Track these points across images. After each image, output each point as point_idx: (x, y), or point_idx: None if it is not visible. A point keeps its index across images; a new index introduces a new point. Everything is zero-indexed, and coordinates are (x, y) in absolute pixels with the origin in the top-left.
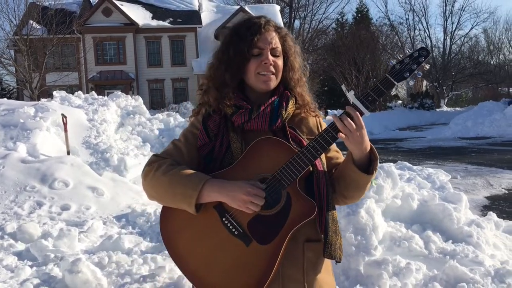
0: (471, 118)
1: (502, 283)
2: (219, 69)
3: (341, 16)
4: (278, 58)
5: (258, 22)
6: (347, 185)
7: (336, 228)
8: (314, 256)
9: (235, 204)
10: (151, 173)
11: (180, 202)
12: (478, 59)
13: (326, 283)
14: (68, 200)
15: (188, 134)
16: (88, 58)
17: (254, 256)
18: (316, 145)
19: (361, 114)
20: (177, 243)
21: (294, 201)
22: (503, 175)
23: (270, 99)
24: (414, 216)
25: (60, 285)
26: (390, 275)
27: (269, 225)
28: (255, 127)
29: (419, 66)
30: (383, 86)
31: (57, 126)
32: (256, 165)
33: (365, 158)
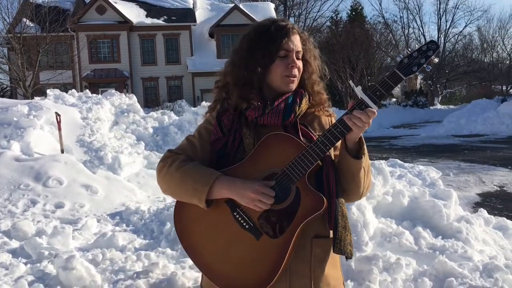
0: (465, 116)
1: (490, 277)
2: (245, 68)
3: (336, 14)
4: (299, 61)
5: (286, 26)
6: (343, 176)
7: (346, 223)
8: (322, 252)
9: (244, 202)
10: (164, 168)
11: (191, 197)
12: (472, 57)
13: (333, 278)
14: (62, 198)
15: (202, 130)
16: (82, 56)
17: (265, 250)
18: (324, 140)
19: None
20: (190, 236)
21: (303, 195)
22: (495, 172)
23: (285, 95)
24: (405, 213)
25: (54, 282)
26: (381, 270)
27: (279, 219)
28: (268, 122)
29: (427, 60)
30: (391, 81)
31: (51, 124)
32: (266, 160)
33: (355, 146)
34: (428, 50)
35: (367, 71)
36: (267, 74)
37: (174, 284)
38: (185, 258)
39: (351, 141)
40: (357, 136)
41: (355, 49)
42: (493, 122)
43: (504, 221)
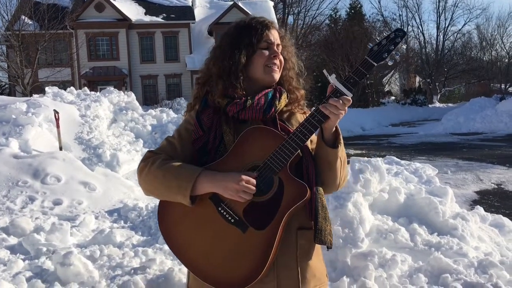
0: (463, 114)
1: (485, 273)
2: (227, 59)
3: (335, 12)
4: (280, 55)
5: (265, 20)
6: (321, 166)
7: (326, 214)
8: (306, 243)
9: (228, 194)
10: (146, 168)
11: (175, 195)
12: (471, 55)
13: (317, 269)
14: (60, 195)
15: (182, 130)
16: (81, 54)
17: (252, 242)
18: (303, 129)
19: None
20: (175, 235)
21: (286, 185)
22: (493, 170)
23: (264, 91)
24: (401, 209)
25: (52, 278)
26: (376, 266)
27: (264, 211)
28: (249, 116)
29: (396, 46)
30: (363, 68)
31: (50, 122)
32: (247, 154)
33: (332, 136)
34: (396, 37)
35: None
36: (249, 65)
37: (171, 280)
38: None
39: (328, 131)
40: (334, 125)
41: (354, 47)
42: (492, 120)
43: (500, 219)
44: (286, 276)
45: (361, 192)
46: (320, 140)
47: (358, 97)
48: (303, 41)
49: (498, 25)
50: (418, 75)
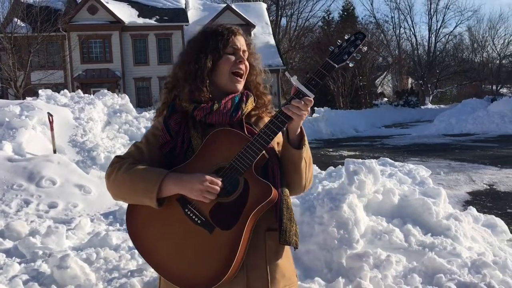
0: (455, 115)
1: (478, 273)
2: (194, 64)
3: (327, 14)
4: (245, 60)
5: (232, 27)
6: (286, 168)
7: (291, 215)
8: (275, 244)
9: (193, 195)
10: (113, 173)
11: (142, 198)
12: (462, 57)
13: (287, 270)
14: (56, 198)
15: (149, 136)
16: (74, 56)
17: (218, 242)
18: (267, 131)
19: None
20: (144, 238)
21: (251, 186)
22: (485, 171)
23: (231, 95)
24: (395, 211)
25: (49, 281)
26: (371, 267)
27: (230, 211)
28: (216, 120)
29: (356, 48)
30: (324, 70)
31: (43, 124)
32: (213, 155)
33: (297, 137)
34: (356, 39)
35: (358, 71)
36: (215, 70)
37: None
38: None
39: (293, 132)
40: (298, 126)
41: None
42: (483, 121)
43: (493, 219)
44: (255, 277)
45: (356, 193)
46: (285, 141)
47: (351, 99)
48: (296, 43)
49: (489, 27)
50: (410, 77)
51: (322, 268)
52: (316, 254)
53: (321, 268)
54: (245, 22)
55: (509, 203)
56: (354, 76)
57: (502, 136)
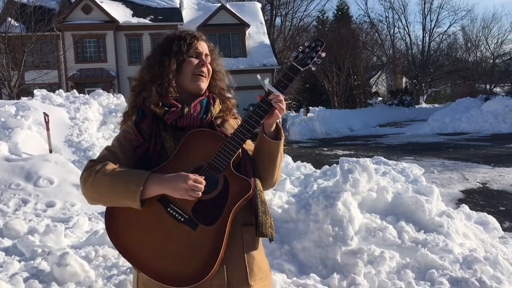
0: (449, 114)
1: (470, 269)
2: (159, 67)
3: (322, 14)
4: (207, 64)
5: (194, 32)
6: (261, 160)
7: (265, 209)
8: (251, 238)
9: (177, 194)
10: (90, 177)
11: (124, 199)
12: (456, 56)
13: (262, 263)
14: (53, 197)
15: (121, 139)
16: (68, 56)
17: (202, 238)
18: (243, 129)
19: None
20: (125, 240)
21: (231, 182)
22: (478, 170)
23: (199, 98)
24: (389, 208)
25: (49, 278)
26: (365, 263)
27: (212, 207)
28: (187, 123)
29: (317, 54)
30: (291, 73)
31: (39, 124)
32: (191, 155)
33: (273, 132)
34: (316, 46)
35: (353, 70)
36: (179, 72)
37: None
38: None
39: (269, 127)
40: (275, 121)
41: (341, 49)
42: (477, 121)
43: (485, 216)
44: (235, 270)
45: (350, 191)
46: (262, 135)
47: (346, 98)
48: (291, 43)
49: (482, 26)
50: (404, 76)
51: (317, 264)
52: (311, 251)
53: (316, 265)
54: (239, 22)
55: (502, 201)
56: (349, 76)
57: (496, 135)
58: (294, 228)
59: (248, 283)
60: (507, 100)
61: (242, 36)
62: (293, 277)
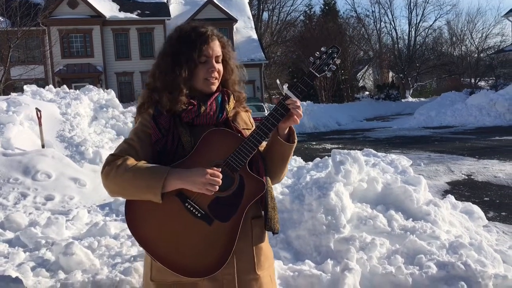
0: (435, 108)
1: (455, 253)
2: (170, 74)
3: (309, 9)
4: (219, 64)
5: (205, 32)
6: (273, 160)
7: (274, 204)
8: (259, 231)
9: (196, 188)
10: (112, 171)
11: (146, 194)
12: (442, 50)
13: (269, 251)
14: (52, 190)
15: (139, 133)
16: (54, 51)
17: (217, 233)
18: (260, 131)
19: None
20: (144, 232)
21: (246, 181)
22: (463, 162)
23: (213, 95)
24: (379, 198)
25: (55, 267)
26: (357, 249)
27: (228, 204)
28: (203, 122)
29: (333, 61)
30: (308, 79)
31: (31, 120)
32: (210, 153)
33: (286, 134)
34: (332, 53)
35: (340, 65)
36: (192, 76)
37: None
38: None
39: (282, 130)
40: (290, 125)
41: (328, 43)
42: (462, 114)
43: (470, 206)
44: (243, 260)
45: (342, 182)
46: (275, 137)
47: (333, 93)
48: (278, 37)
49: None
50: (391, 71)
51: (311, 251)
52: (305, 239)
53: (310, 252)
54: (227, 16)
55: (486, 192)
56: (336, 70)
57: (480, 128)
58: (289, 218)
59: (256, 272)
60: (491, 94)
61: (229, 31)
62: (289, 263)
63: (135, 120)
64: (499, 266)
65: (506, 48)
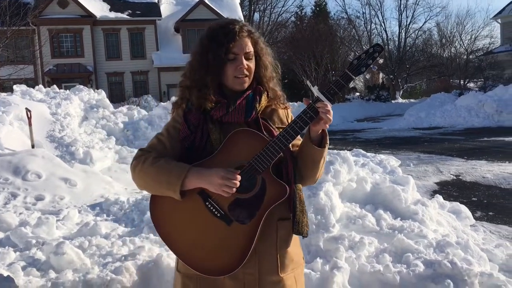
0: (424, 109)
1: (442, 252)
2: (199, 72)
3: (300, 10)
4: (251, 61)
5: (233, 29)
6: (304, 162)
7: (303, 208)
8: (285, 233)
9: (213, 188)
10: (139, 165)
11: (166, 190)
12: (431, 52)
13: (295, 254)
14: (42, 190)
15: (170, 128)
16: (44, 51)
17: (235, 234)
18: (286, 134)
19: None
20: (165, 226)
21: (268, 185)
22: (452, 162)
23: (245, 93)
24: (368, 197)
25: (46, 266)
26: (346, 248)
27: (247, 207)
28: (232, 120)
29: (374, 61)
30: (343, 80)
31: (20, 120)
32: (234, 154)
33: (318, 137)
34: (374, 52)
35: (331, 66)
36: (221, 75)
37: (160, 264)
38: None
39: (315, 132)
40: (321, 128)
41: (319, 44)
42: (451, 115)
43: (458, 206)
44: (266, 262)
45: (332, 182)
46: (307, 139)
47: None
48: (269, 38)
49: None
50: (381, 72)
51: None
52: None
53: None
54: (218, 17)
55: (474, 192)
56: (327, 71)
57: (469, 129)
58: None
59: (278, 274)
60: (480, 95)
61: None
62: (304, 262)
63: (171, 115)
64: (485, 264)
65: (495, 50)
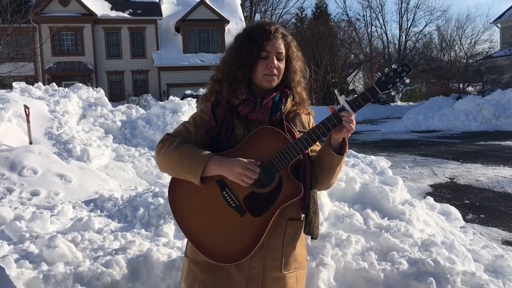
0: (423, 112)
1: (427, 251)
2: (232, 66)
3: (301, 11)
4: (281, 62)
5: (269, 29)
6: (321, 167)
7: (316, 209)
8: (293, 232)
9: (233, 177)
10: (163, 148)
11: (187, 174)
12: (431, 55)
13: (300, 254)
14: (38, 186)
15: (197, 118)
16: (45, 49)
17: (246, 226)
18: (308, 137)
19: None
20: (181, 209)
21: (285, 183)
22: (447, 165)
23: (272, 94)
24: (356, 197)
25: (38, 259)
26: (333, 246)
27: (262, 201)
28: (257, 118)
29: (401, 80)
30: (369, 94)
31: (19, 117)
32: (256, 149)
33: (338, 144)
34: (402, 71)
35: (331, 68)
36: (252, 71)
37: (150, 258)
38: (159, 237)
39: (335, 140)
40: (342, 137)
41: (319, 46)
42: (449, 119)
43: (448, 207)
44: (272, 258)
45: None
46: (327, 146)
47: (323, 95)
48: None
49: (457, 27)
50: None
51: None
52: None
53: None
54: (219, 17)
55: (467, 195)
56: (327, 73)
57: (466, 132)
58: None
59: (281, 271)
60: (478, 99)
61: (221, 32)
62: (307, 264)
63: (198, 106)
64: (470, 264)
65: (494, 54)
